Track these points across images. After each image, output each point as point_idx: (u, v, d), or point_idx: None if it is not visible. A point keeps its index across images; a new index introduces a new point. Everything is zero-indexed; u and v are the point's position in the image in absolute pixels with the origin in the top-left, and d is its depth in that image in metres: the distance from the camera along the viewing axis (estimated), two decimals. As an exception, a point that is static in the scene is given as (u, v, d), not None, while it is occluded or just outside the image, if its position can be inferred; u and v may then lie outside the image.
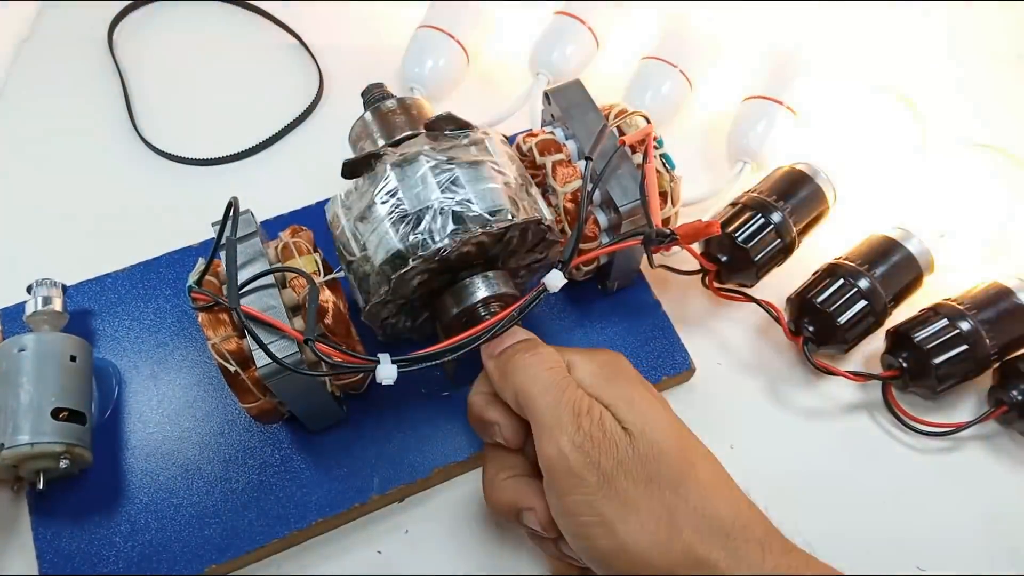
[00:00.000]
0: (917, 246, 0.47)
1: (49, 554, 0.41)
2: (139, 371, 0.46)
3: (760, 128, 0.54)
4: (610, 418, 0.34)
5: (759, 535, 0.32)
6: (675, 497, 0.33)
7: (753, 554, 0.32)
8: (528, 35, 0.58)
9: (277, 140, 0.58)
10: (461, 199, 0.36)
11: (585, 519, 0.33)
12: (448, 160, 0.37)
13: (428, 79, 0.57)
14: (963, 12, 0.64)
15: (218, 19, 0.64)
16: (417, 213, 0.36)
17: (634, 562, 0.32)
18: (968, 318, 0.45)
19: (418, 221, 0.36)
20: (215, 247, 0.38)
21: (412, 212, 0.36)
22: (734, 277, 0.49)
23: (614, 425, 0.34)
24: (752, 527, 0.33)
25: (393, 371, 0.35)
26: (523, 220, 0.37)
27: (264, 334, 0.35)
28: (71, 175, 0.56)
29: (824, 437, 0.47)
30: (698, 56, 0.56)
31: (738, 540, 0.32)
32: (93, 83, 0.60)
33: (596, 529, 0.33)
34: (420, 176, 0.37)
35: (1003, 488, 0.45)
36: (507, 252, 0.40)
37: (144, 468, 0.43)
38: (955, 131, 0.52)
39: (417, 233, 0.36)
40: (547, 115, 0.46)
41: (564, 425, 0.33)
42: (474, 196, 0.36)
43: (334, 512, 0.42)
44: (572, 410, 0.34)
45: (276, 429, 0.44)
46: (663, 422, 0.35)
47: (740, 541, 0.32)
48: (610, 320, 0.48)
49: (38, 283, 0.44)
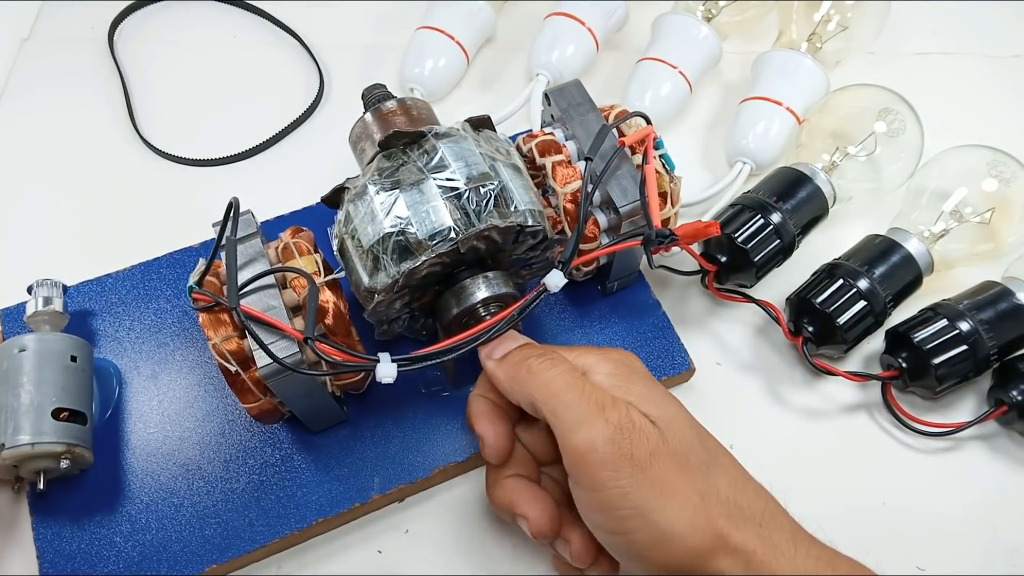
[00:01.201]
0: (916, 246, 0.47)
1: (49, 554, 0.41)
2: (140, 371, 0.46)
3: (760, 128, 0.54)
4: (636, 411, 0.34)
5: (787, 527, 0.33)
6: (707, 486, 0.33)
7: (785, 544, 0.32)
8: (528, 35, 0.58)
9: (277, 140, 0.58)
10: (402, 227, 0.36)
11: (622, 512, 0.32)
12: (392, 185, 0.37)
13: (428, 79, 0.57)
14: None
15: (218, 19, 0.64)
16: (371, 249, 0.36)
17: (674, 550, 0.32)
18: (968, 318, 0.45)
19: (375, 258, 0.36)
20: (215, 247, 0.38)
21: (367, 248, 0.36)
22: (734, 277, 0.49)
23: (641, 417, 0.34)
24: (780, 519, 0.33)
25: (393, 370, 0.35)
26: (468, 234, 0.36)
27: (265, 334, 0.35)
28: (71, 175, 0.56)
29: (824, 437, 0.47)
30: (698, 57, 0.56)
31: (770, 529, 0.32)
32: (93, 83, 0.60)
33: (634, 521, 0.32)
34: (368, 210, 0.37)
35: (1003, 488, 0.45)
36: (514, 255, 0.40)
37: (144, 468, 0.43)
38: (955, 131, 0.52)
39: (377, 270, 0.36)
40: (547, 116, 0.46)
41: (591, 419, 0.33)
42: (415, 220, 0.36)
43: (334, 512, 0.42)
44: (596, 404, 0.34)
45: (276, 429, 0.44)
46: (684, 417, 0.35)
47: (771, 531, 0.32)
48: (610, 320, 0.48)
49: (38, 283, 0.44)
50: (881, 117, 0.51)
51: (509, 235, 0.37)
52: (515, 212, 0.37)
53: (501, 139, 0.40)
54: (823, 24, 0.56)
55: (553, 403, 0.34)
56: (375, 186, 0.37)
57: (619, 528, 0.33)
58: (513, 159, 0.39)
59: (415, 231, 0.36)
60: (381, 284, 0.36)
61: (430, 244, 0.36)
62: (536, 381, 0.35)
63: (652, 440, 0.33)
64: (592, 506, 0.33)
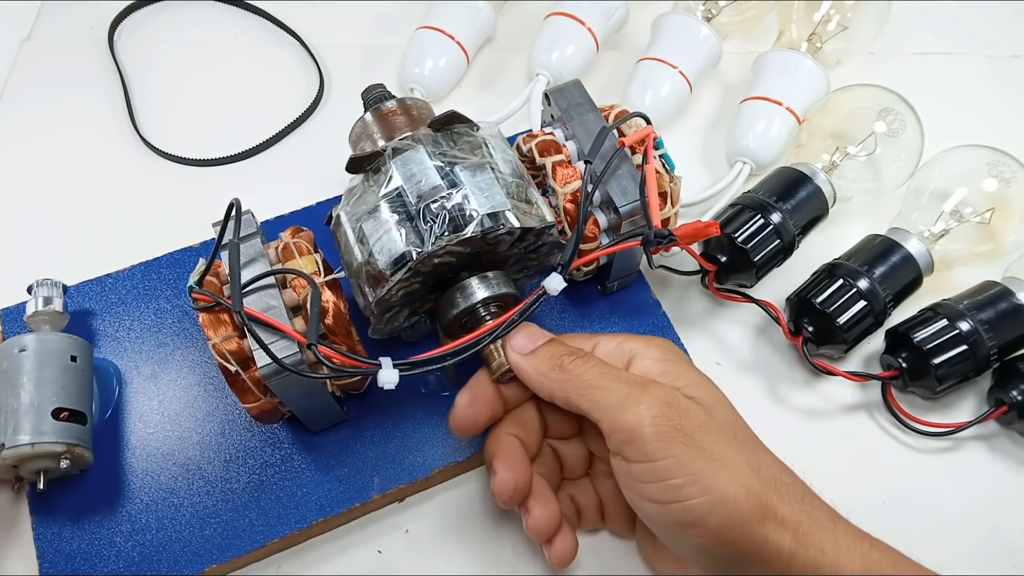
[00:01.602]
0: (916, 246, 0.47)
1: (49, 554, 0.41)
2: (140, 371, 0.46)
3: (760, 128, 0.54)
4: (678, 393, 0.35)
5: (824, 506, 0.34)
6: (755, 458, 0.34)
7: (825, 520, 0.33)
8: (528, 35, 0.58)
9: (277, 140, 0.58)
10: (457, 202, 0.36)
11: (677, 480, 0.33)
12: (449, 160, 0.37)
13: (428, 79, 0.57)
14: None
15: (218, 19, 0.64)
16: (420, 209, 0.36)
17: (729, 514, 0.32)
18: (967, 318, 0.45)
19: (422, 217, 0.36)
20: (216, 247, 0.38)
21: (415, 208, 0.36)
22: (734, 277, 0.49)
23: (685, 398, 0.35)
24: (815, 498, 0.34)
25: (395, 375, 0.35)
26: (521, 226, 0.37)
27: (265, 334, 0.35)
28: (71, 175, 0.56)
29: (824, 437, 0.47)
30: (698, 57, 0.56)
31: (811, 506, 0.34)
32: (93, 83, 0.60)
33: (689, 488, 0.33)
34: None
35: (1003, 488, 0.45)
36: (505, 253, 0.40)
37: (144, 468, 0.43)
38: (955, 131, 0.52)
39: (420, 231, 0.36)
40: (547, 116, 0.46)
41: (638, 396, 0.34)
42: (473, 198, 0.36)
43: (334, 512, 0.42)
44: (638, 384, 0.35)
45: (276, 429, 0.44)
46: (728, 403, 0.37)
47: (812, 507, 0.34)
48: (610, 320, 0.48)
49: (38, 283, 0.44)
50: (881, 117, 0.51)
51: (476, 244, 0.37)
52: (472, 219, 0.36)
53: (474, 132, 0.39)
54: (823, 24, 0.56)
55: (592, 393, 0.35)
56: (345, 215, 0.38)
57: (676, 496, 0.33)
58: (483, 154, 0.38)
59: (375, 260, 0.36)
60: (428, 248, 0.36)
61: (390, 272, 0.36)
62: (571, 377, 0.36)
63: (699, 416, 0.34)
64: (646, 478, 0.34)
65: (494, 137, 0.40)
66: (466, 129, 0.39)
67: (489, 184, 0.37)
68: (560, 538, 0.39)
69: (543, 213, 0.39)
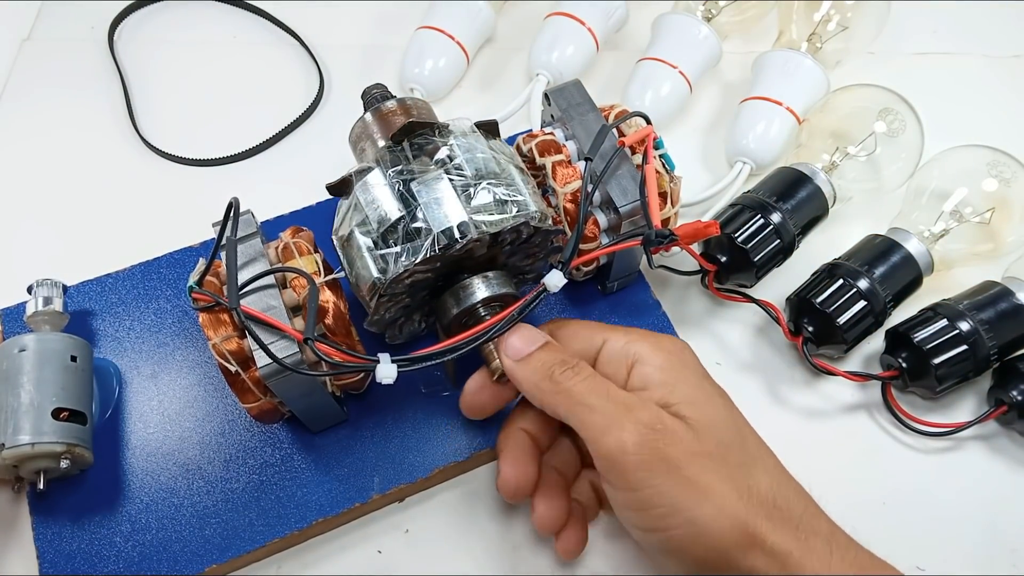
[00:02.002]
0: (916, 246, 0.47)
1: (49, 554, 0.41)
2: (140, 371, 0.46)
3: (760, 128, 0.54)
4: (667, 413, 0.34)
5: (825, 530, 0.33)
6: (745, 485, 0.33)
7: (821, 548, 0.32)
8: (528, 35, 0.58)
9: (277, 140, 0.58)
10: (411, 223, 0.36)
11: (659, 510, 0.32)
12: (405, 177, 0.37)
13: (428, 79, 0.57)
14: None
15: (218, 19, 0.64)
16: (382, 235, 0.36)
17: (712, 546, 0.32)
18: (967, 318, 0.45)
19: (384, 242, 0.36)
20: (216, 247, 0.38)
21: (377, 235, 0.36)
22: (734, 277, 0.49)
23: (673, 419, 0.34)
24: (818, 521, 0.33)
25: (393, 370, 0.35)
26: (479, 234, 0.36)
27: (265, 334, 0.35)
28: (71, 175, 0.56)
29: (824, 437, 0.47)
30: (698, 57, 0.56)
31: (807, 532, 0.32)
32: (93, 83, 0.60)
33: (672, 519, 0.32)
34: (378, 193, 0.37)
35: (1003, 488, 0.45)
36: (491, 253, 0.40)
37: (144, 468, 0.43)
38: (955, 131, 0.52)
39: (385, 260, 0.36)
40: (547, 116, 0.46)
41: (620, 421, 0.33)
42: (428, 214, 0.36)
43: (334, 512, 0.42)
44: (623, 406, 0.34)
45: (276, 429, 0.44)
46: (726, 417, 0.35)
47: (809, 534, 0.32)
48: (610, 320, 0.48)
49: (38, 283, 0.44)
50: (881, 117, 0.51)
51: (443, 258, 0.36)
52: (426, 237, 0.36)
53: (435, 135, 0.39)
54: (823, 24, 0.56)
55: (579, 411, 0.34)
56: (336, 239, 0.38)
57: (656, 526, 0.33)
58: (442, 160, 0.38)
59: (359, 286, 0.36)
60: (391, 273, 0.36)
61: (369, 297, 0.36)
62: (560, 390, 0.35)
63: (685, 440, 0.33)
64: (628, 506, 0.34)
65: (463, 134, 0.39)
66: (427, 135, 0.38)
67: (445, 197, 0.36)
68: (568, 532, 0.39)
69: (527, 204, 0.37)
